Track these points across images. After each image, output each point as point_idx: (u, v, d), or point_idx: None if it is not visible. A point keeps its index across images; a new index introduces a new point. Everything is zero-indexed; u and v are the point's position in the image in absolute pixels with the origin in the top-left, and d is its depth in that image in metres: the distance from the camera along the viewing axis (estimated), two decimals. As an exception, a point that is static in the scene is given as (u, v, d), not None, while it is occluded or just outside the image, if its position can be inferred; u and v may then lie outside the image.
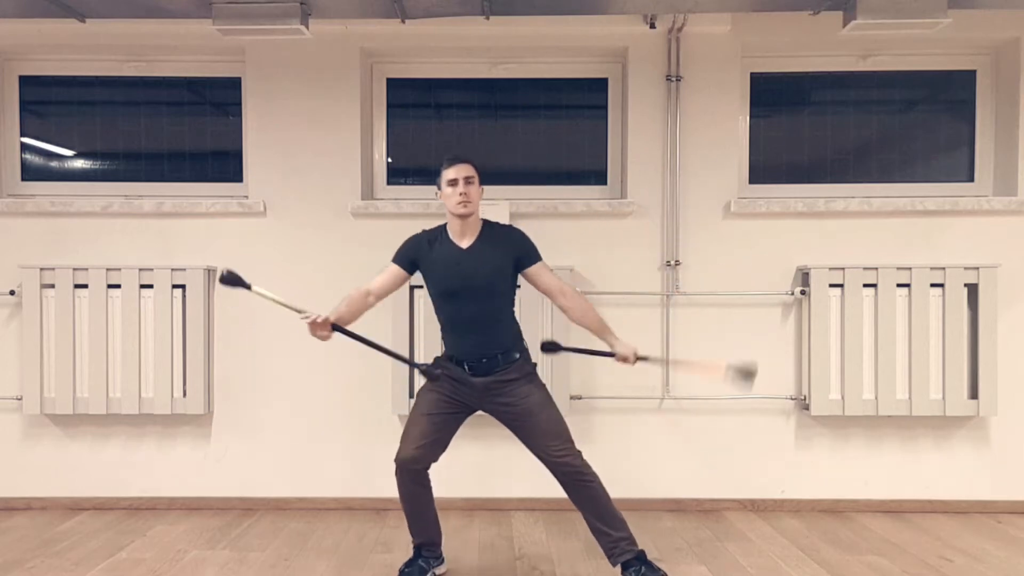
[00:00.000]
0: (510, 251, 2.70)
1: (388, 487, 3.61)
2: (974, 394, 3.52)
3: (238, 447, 3.65)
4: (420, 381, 3.54)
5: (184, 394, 3.55)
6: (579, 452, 2.64)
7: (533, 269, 2.71)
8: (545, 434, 2.62)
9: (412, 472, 2.68)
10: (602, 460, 3.54)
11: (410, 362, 2.90)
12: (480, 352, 2.65)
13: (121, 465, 3.65)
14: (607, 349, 2.69)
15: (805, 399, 3.58)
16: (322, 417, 3.64)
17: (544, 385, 2.73)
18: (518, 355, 2.69)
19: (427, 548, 2.80)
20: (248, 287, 2.59)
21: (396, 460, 2.69)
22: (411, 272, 2.75)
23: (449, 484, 3.61)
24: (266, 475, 3.64)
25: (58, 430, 3.65)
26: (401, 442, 2.70)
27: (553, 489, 3.54)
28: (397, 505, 3.58)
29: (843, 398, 3.52)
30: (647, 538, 3.21)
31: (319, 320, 2.57)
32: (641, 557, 2.64)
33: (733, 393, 3.60)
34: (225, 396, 3.65)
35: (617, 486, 3.54)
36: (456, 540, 3.21)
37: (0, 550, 3.08)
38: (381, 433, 3.63)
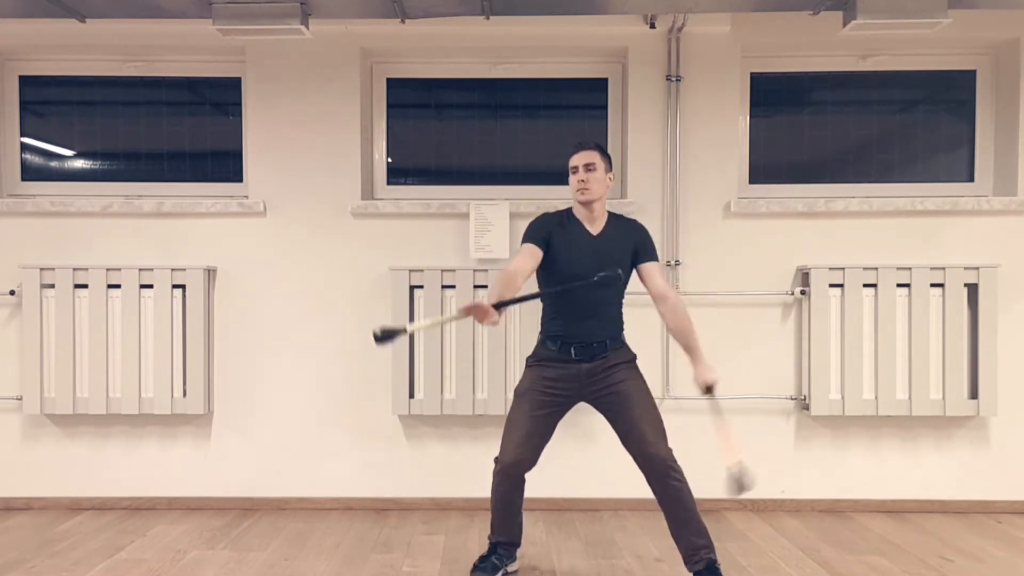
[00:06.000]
0: (633, 242, 2.75)
1: (388, 487, 3.65)
2: (974, 394, 3.53)
3: (238, 447, 3.65)
4: (421, 381, 3.56)
5: (184, 394, 3.55)
6: (671, 449, 2.59)
7: (647, 266, 2.75)
8: (641, 421, 2.58)
9: (513, 471, 2.67)
10: (603, 460, 3.57)
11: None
12: (593, 337, 2.67)
13: (121, 465, 3.65)
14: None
15: (805, 399, 3.58)
16: (322, 417, 3.64)
17: (643, 376, 2.72)
18: (621, 344, 2.73)
19: (504, 547, 2.80)
20: (403, 331, 2.54)
21: (498, 463, 2.68)
22: (546, 250, 2.70)
23: (450, 484, 3.63)
24: (266, 475, 3.64)
25: (58, 430, 3.65)
26: (503, 445, 2.68)
27: (553, 489, 3.58)
28: (397, 505, 3.62)
29: (843, 398, 3.52)
30: (648, 538, 3.22)
31: (483, 305, 2.45)
32: (711, 567, 2.57)
33: (733, 393, 3.62)
34: (225, 396, 3.65)
35: (618, 486, 3.57)
36: (456, 540, 3.21)
37: (0, 550, 3.08)
38: (381, 433, 3.63)
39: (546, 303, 2.77)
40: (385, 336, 2.51)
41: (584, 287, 2.58)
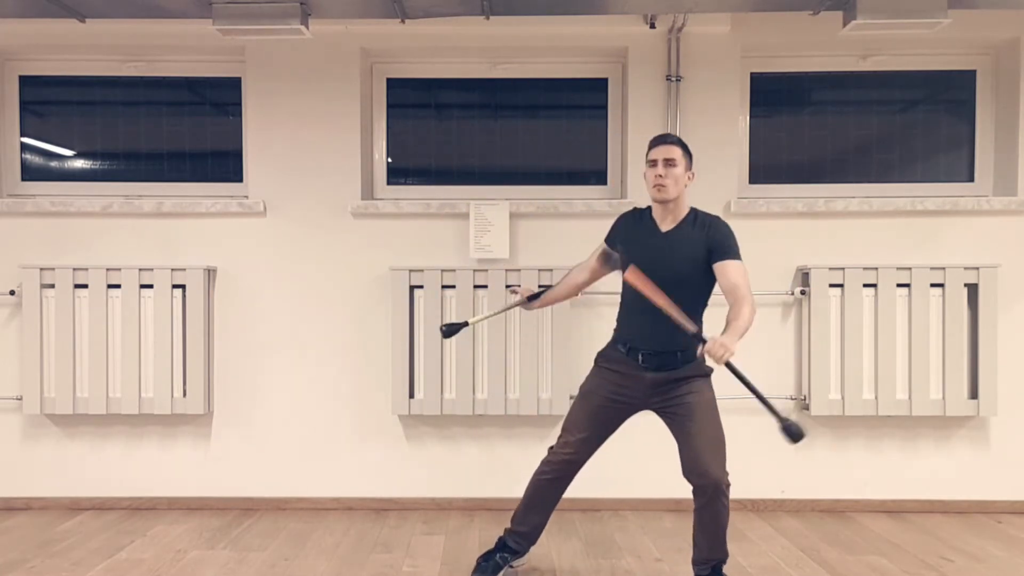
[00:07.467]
0: (705, 241, 2.54)
1: (388, 487, 3.65)
2: (974, 394, 3.53)
3: (238, 447, 3.65)
4: (421, 381, 3.56)
5: (184, 394, 3.55)
6: (727, 472, 2.50)
7: (721, 264, 2.50)
8: (699, 437, 2.48)
9: (564, 465, 2.66)
10: (602, 459, 3.54)
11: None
12: (658, 344, 2.53)
13: (121, 465, 3.65)
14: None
15: (805, 399, 3.58)
16: (322, 417, 3.64)
17: (713, 391, 2.59)
18: (696, 356, 2.53)
19: (516, 541, 2.78)
20: (465, 324, 2.89)
21: (552, 453, 2.68)
22: (622, 250, 2.67)
23: (449, 484, 3.63)
24: (266, 475, 3.64)
25: (58, 430, 3.65)
26: (560, 438, 2.68)
27: (553, 489, 3.57)
28: (397, 505, 3.62)
29: (843, 398, 3.52)
30: (648, 539, 3.22)
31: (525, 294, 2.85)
32: (716, 571, 2.60)
33: (733, 393, 3.61)
34: (225, 396, 3.65)
35: (618, 486, 3.57)
36: (456, 540, 3.21)
37: (0, 550, 3.08)
38: (381, 433, 3.63)
39: (621, 304, 2.66)
40: (450, 331, 2.86)
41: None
